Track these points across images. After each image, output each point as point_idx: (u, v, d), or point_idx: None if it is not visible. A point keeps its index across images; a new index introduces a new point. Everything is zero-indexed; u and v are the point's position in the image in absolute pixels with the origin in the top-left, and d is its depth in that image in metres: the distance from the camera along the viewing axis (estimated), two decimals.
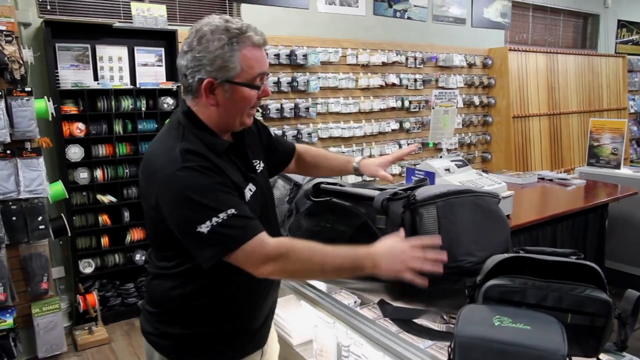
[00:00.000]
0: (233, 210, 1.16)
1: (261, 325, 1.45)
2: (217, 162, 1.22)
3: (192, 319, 1.33)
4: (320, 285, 1.75)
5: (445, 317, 1.50)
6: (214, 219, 1.14)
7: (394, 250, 1.19)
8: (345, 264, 1.20)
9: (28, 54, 3.10)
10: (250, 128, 1.43)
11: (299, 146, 1.72)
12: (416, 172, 2.67)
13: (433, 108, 3.20)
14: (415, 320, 1.43)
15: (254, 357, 1.46)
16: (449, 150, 4.92)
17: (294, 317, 1.94)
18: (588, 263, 1.12)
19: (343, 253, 1.22)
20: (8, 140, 2.99)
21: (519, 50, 6.68)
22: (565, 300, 1.08)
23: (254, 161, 1.41)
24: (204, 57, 1.21)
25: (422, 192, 1.37)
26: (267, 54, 1.34)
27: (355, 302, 1.83)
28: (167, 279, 1.32)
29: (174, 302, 1.32)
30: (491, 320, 1.05)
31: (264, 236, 1.18)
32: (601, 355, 1.12)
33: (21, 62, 2.98)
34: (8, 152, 3.06)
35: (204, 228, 1.14)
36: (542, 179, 4.30)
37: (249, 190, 1.31)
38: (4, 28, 2.88)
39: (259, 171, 1.42)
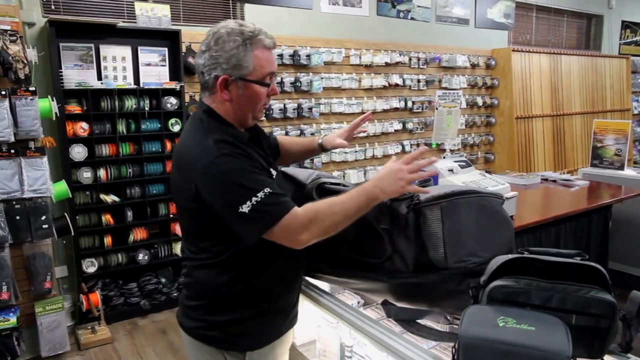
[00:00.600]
0: (269, 189, 1.26)
1: (294, 304, 1.55)
2: (246, 149, 1.34)
3: (237, 304, 1.41)
4: (324, 285, 1.75)
5: (449, 317, 1.50)
6: (254, 199, 1.24)
7: (391, 173, 1.31)
8: (361, 201, 1.30)
9: (32, 54, 3.10)
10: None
11: (277, 137, 1.83)
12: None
13: (436, 109, 3.19)
14: (419, 321, 1.43)
15: (289, 335, 1.56)
16: (452, 151, 4.93)
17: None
18: (593, 264, 1.11)
19: (355, 194, 1.32)
20: (12, 139, 2.99)
21: (523, 51, 6.68)
22: (569, 302, 1.08)
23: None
24: (220, 56, 1.32)
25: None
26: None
27: (358, 302, 1.83)
28: (210, 269, 1.39)
29: (219, 291, 1.39)
30: (495, 321, 1.04)
31: (296, 209, 1.29)
32: (606, 357, 1.11)
33: (25, 61, 2.98)
34: (12, 151, 3.06)
35: (246, 208, 1.24)
36: (546, 179, 4.30)
37: (271, 174, 1.42)
38: (8, 28, 2.89)
39: (273, 162, 1.54)
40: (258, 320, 1.43)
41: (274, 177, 1.43)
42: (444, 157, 3.20)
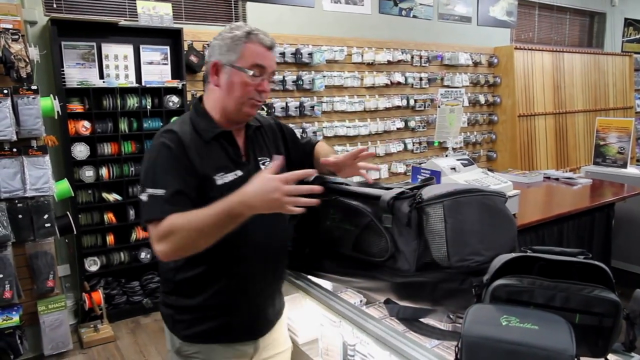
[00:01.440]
0: (162, 192, 1.31)
1: (255, 315, 1.52)
2: (190, 145, 1.38)
3: (182, 291, 1.47)
4: (327, 284, 1.75)
5: (452, 316, 1.50)
6: (149, 190, 1.32)
7: (264, 188, 1.20)
8: (222, 218, 1.24)
9: (34, 52, 3.11)
10: (272, 129, 1.64)
11: (317, 145, 1.79)
12: (422, 171, 2.67)
13: (439, 107, 3.19)
14: (422, 320, 1.43)
15: (244, 347, 1.53)
16: (454, 149, 4.91)
17: (299, 315, 1.94)
18: (596, 263, 1.11)
19: (216, 208, 1.24)
20: (14, 138, 3.00)
21: (525, 49, 6.66)
22: (573, 300, 1.07)
23: (260, 160, 1.53)
24: (218, 44, 1.43)
25: (428, 191, 1.37)
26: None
27: (361, 301, 1.83)
28: None
29: (169, 273, 1.48)
30: (499, 320, 1.04)
31: (165, 220, 1.28)
32: (609, 356, 1.11)
33: (27, 60, 2.98)
34: (14, 150, 3.07)
35: (144, 196, 1.33)
36: (548, 178, 4.29)
37: (234, 174, 1.42)
38: (10, 26, 2.89)
39: (265, 164, 1.52)
40: (196, 314, 1.46)
41: (235, 178, 1.41)
42: (447, 156, 3.19)
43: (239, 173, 1.44)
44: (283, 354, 1.69)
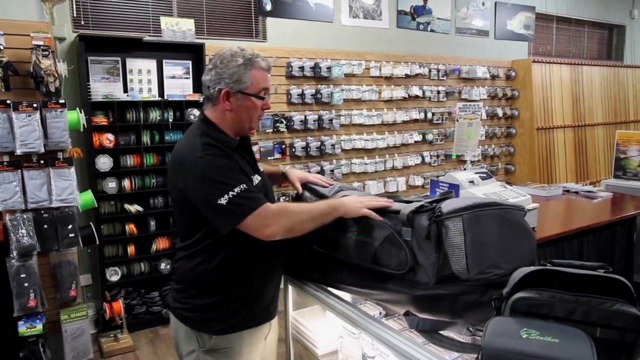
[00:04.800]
0: (244, 186, 1.48)
1: (271, 299, 1.72)
2: (229, 152, 1.55)
3: (214, 290, 1.59)
4: (346, 296, 1.76)
5: (471, 329, 1.50)
6: (230, 193, 1.45)
7: (354, 198, 1.60)
8: (324, 208, 1.57)
9: (62, 68, 3.19)
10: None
11: None
12: (440, 184, 2.68)
13: (457, 120, 3.20)
14: (442, 332, 1.44)
15: (264, 327, 1.73)
16: (472, 162, 4.91)
17: (319, 327, 1.96)
18: (617, 277, 1.11)
19: (322, 202, 1.63)
20: (42, 150, 3.07)
21: (543, 62, 6.64)
22: (593, 314, 1.07)
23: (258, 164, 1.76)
24: (224, 72, 1.57)
25: (448, 205, 1.38)
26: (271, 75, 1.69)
27: (380, 313, 1.84)
28: (193, 257, 1.60)
29: (198, 276, 1.59)
30: (519, 332, 1.05)
31: (268, 204, 1.51)
32: None
33: (56, 75, 3.07)
34: (41, 162, 3.14)
35: (223, 200, 1.45)
36: (568, 191, 4.25)
37: (256, 178, 1.64)
38: (41, 43, 2.98)
39: (262, 170, 1.75)
40: (228, 308, 1.61)
41: (259, 181, 1.64)
42: (465, 169, 3.20)
43: (259, 177, 1.66)
44: (276, 335, 1.91)
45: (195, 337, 1.62)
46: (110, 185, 3.79)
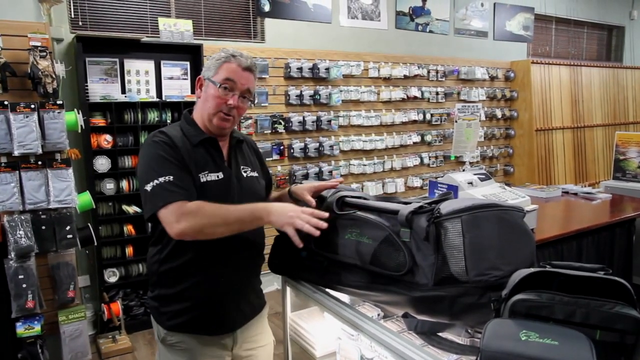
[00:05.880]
0: (170, 177, 1.48)
1: (226, 311, 1.64)
2: (180, 145, 1.55)
3: (164, 282, 1.61)
4: (344, 297, 1.76)
5: (470, 331, 1.50)
6: (155, 181, 1.47)
7: (287, 208, 1.47)
8: (245, 215, 1.48)
9: (60, 69, 3.19)
10: (251, 146, 1.83)
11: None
12: (439, 185, 2.67)
13: (456, 122, 3.20)
14: (440, 334, 1.43)
15: (222, 339, 1.66)
16: (471, 164, 4.90)
17: (317, 329, 1.95)
18: (617, 279, 1.10)
19: (243, 206, 1.49)
20: (40, 151, 3.07)
21: (542, 63, 6.64)
22: (593, 317, 1.07)
23: (242, 167, 1.71)
24: (206, 64, 1.65)
25: (446, 206, 1.38)
26: (255, 77, 1.67)
27: (378, 314, 1.83)
28: (152, 245, 1.64)
29: (153, 266, 1.63)
30: (518, 335, 1.04)
31: (185, 201, 1.46)
32: None
33: (54, 76, 3.06)
34: (39, 163, 3.14)
35: (148, 187, 1.47)
36: (567, 192, 4.24)
37: (216, 176, 1.59)
38: (39, 44, 2.98)
39: (245, 175, 1.70)
40: (176, 306, 1.60)
41: (219, 179, 1.59)
42: (464, 170, 3.19)
43: (220, 175, 1.61)
44: (264, 348, 1.82)
45: (156, 327, 1.68)
46: (108, 186, 3.79)
